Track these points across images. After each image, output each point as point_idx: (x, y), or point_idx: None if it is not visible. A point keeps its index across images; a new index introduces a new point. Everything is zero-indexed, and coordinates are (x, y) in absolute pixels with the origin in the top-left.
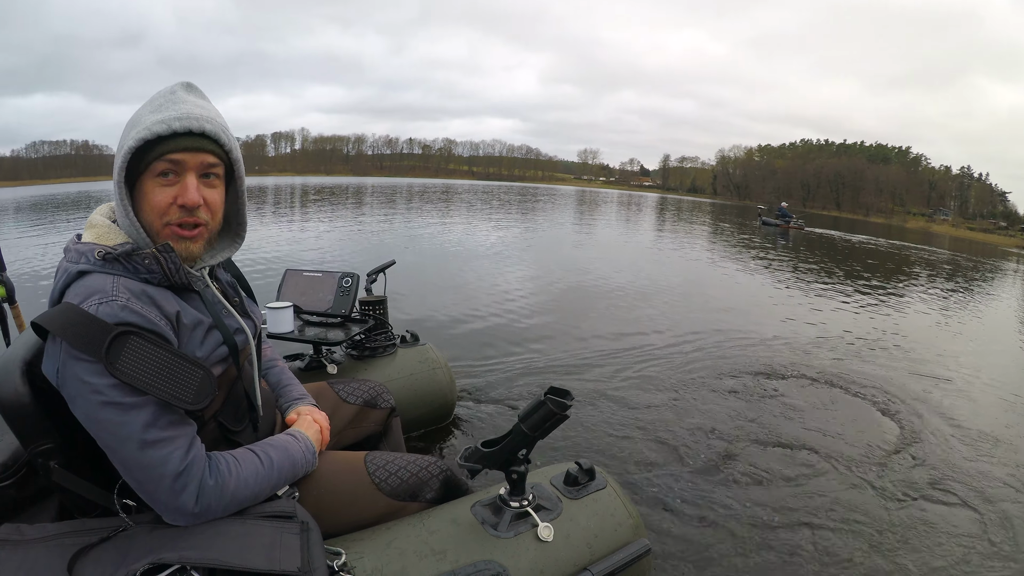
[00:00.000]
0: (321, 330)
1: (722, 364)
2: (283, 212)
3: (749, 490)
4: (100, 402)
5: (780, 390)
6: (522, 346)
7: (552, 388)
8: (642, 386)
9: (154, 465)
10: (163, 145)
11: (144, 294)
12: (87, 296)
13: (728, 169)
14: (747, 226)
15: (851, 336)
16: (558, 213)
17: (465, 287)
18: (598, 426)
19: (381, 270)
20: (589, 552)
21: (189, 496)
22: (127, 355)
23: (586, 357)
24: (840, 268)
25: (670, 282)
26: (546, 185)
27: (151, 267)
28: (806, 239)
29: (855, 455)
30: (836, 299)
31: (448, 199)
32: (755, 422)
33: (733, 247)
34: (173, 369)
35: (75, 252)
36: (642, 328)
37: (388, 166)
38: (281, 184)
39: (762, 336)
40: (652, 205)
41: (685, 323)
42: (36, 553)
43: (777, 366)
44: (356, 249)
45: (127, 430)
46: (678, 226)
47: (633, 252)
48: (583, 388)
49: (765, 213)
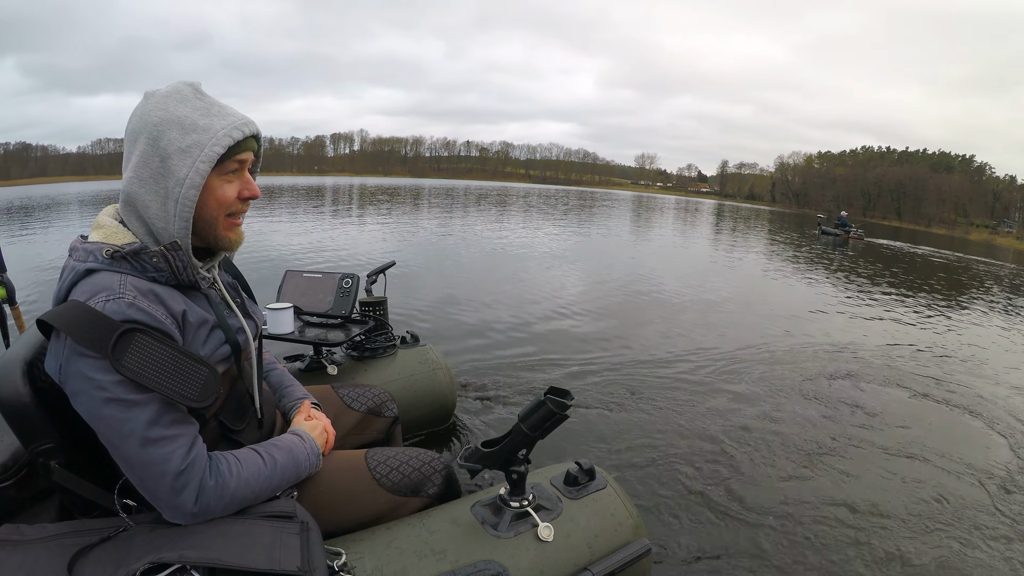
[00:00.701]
0: (321, 331)
1: (765, 371)
2: (342, 211)
3: (756, 491)
4: (104, 398)
5: (850, 397)
6: (585, 352)
7: (552, 388)
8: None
9: (156, 463)
10: (236, 147)
11: (151, 292)
12: (94, 293)
13: (787, 176)
14: (807, 235)
15: (921, 346)
16: (615, 219)
17: (516, 291)
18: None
19: (381, 271)
20: (589, 552)
21: (189, 495)
22: (133, 352)
23: (641, 360)
24: (903, 279)
25: (730, 291)
26: (603, 190)
27: (159, 265)
28: (867, 250)
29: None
30: (900, 310)
31: (504, 202)
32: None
33: (793, 257)
34: (178, 367)
35: (82, 251)
36: (702, 335)
37: (445, 168)
38: (340, 184)
39: (830, 343)
40: (709, 212)
41: (745, 331)
42: (36, 553)
43: (843, 373)
44: (416, 250)
45: (130, 427)
46: (736, 234)
47: (691, 259)
48: (635, 387)
49: (825, 222)
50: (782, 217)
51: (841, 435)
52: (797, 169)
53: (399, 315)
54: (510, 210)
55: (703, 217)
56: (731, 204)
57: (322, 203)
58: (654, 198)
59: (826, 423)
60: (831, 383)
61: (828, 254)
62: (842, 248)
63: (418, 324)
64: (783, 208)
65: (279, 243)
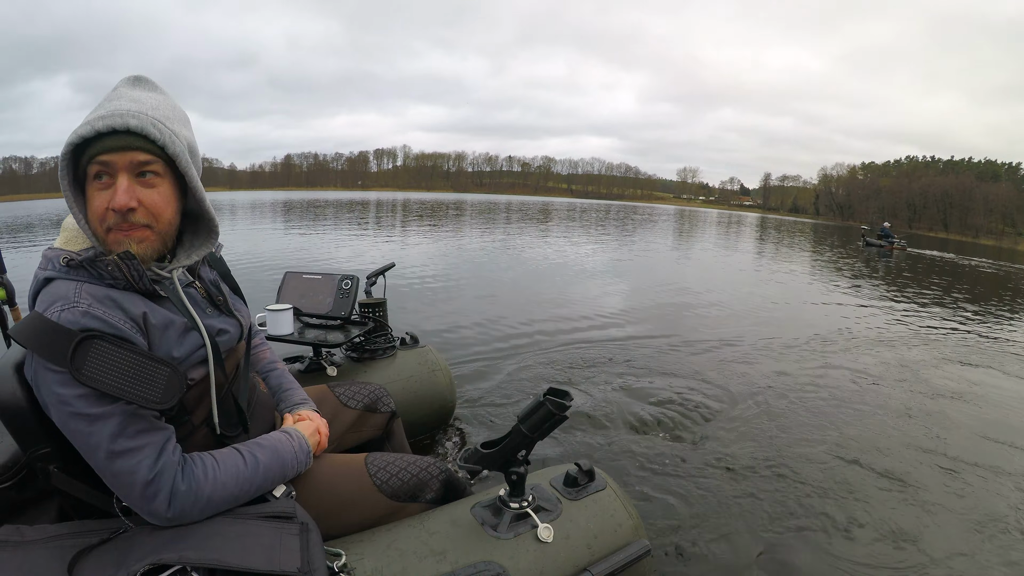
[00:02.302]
0: (321, 332)
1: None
2: (384, 226)
3: (762, 491)
4: (68, 413)
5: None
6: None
7: (551, 389)
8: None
9: (124, 473)
10: (92, 147)
11: (108, 298)
12: (51, 303)
13: (830, 188)
14: (850, 246)
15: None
16: (658, 233)
17: (566, 304)
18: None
19: (381, 273)
20: (589, 553)
21: (161, 502)
22: (92, 360)
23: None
24: (952, 289)
25: (778, 302)
26: (645, 204)
27: (115, 273)
28: (911, 260)
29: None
30: (951, 322)
31: (546, 218)
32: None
33: (841, 269)
34: (139, 370)
35: (44, 258)
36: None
37: (488, 183)
38: (384, 199)
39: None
40: (752, 225)
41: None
42: (36, 554)
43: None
44: (459, 263)
45: (95, 440)
46: (780, 247)
47: (733, 272)
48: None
49: (868, 234)
50: (826, 229)
51: (857, 438)
52: (840, 181)
53: (431, 321)
54: (552, 225)
55: (746, 230)
56: (774, 217)
57: (366, 217)
58: (697, 212)
59: (842, 426)
60: (823, 387)
61: (872, 265)
62: (886, 259)
63: (455, 332)
64: (827, 220)
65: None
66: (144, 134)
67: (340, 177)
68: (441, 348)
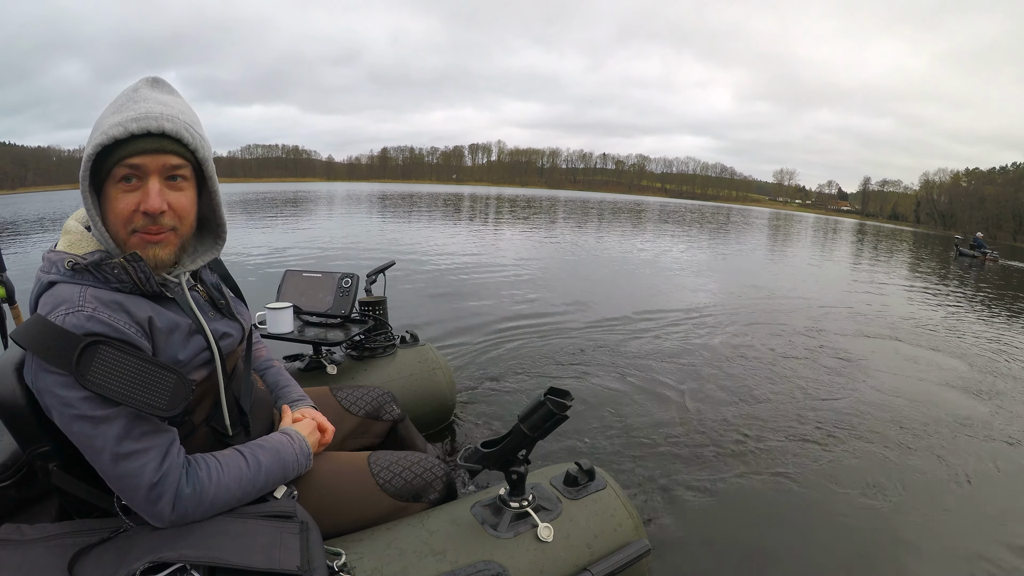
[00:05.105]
0: (321, 330)
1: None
2: (477, 222)
3: (761, 490)
4: (72, 415)
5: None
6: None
7: (552, 388)
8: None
9: (128, 476)
10: (123, 149)
11: (113, 302)
12: (55, 307)
13: (932, 195)
14: (944, 257)
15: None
16: (755, 240)
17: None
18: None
19: (381, 271)
20: (589, 552)
21: (165, 505)
22: (98, 366)
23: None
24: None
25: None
26: (740, 206)
27: (121, 276)
28: (1006, 273)
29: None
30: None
31: (640, 218)
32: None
33: (934, 281)
34: (145, 376)
35: (47, 261)
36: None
37: (581, 180)
38: (477, 193)
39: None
40: (851, 232)
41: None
42: (36, 553)
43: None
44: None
45: (99, 443)
46: (889, 264)
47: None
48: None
49: (961, 243)
50: (925, 239)
51: (865, 438)
52: (943, 187)
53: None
54: (644, 224)
55: (842, 236)
56: (872, 224)
57: (458, 213)
58: (792, 216)
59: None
60: (833, 392)
61: (964, 277)
62: (978, 269)
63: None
64: (927, 229)
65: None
66: (178, 138)
67: (435, 171)
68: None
